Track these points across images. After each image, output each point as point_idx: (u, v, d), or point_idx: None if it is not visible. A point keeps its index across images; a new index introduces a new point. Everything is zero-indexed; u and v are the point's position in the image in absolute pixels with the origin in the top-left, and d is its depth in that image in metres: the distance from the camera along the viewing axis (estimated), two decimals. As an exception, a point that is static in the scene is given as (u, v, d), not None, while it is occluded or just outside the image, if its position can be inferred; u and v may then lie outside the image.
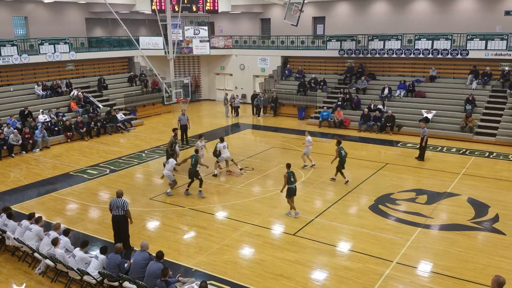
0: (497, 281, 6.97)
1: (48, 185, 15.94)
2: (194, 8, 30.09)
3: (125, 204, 10.86)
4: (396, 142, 21.19)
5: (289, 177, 12.73)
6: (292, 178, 12.79)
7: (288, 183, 12.70)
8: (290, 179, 12.73)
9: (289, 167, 13.07)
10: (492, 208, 13.36)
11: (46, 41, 25.28)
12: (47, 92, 24.47)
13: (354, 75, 27.41)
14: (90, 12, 32.30)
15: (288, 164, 13.26)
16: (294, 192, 12.88)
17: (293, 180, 12.81)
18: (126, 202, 10.92)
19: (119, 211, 10.82)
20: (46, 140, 20.74)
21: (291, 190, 12.78)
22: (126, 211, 10.83)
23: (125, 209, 10.81)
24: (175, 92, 21.39)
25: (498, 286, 6.97)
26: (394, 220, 12.69)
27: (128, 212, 10.90)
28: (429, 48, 25.10)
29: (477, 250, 10.99)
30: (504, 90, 23.14)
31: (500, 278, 6.97)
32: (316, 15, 32.07)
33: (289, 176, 12.75)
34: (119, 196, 10.92)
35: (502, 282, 6.95)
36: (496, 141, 20.63)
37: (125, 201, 10.91)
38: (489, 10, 26.33)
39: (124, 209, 10.81)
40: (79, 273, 9.23)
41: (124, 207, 10.83)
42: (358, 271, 10.09)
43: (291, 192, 12.82)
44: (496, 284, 6.98)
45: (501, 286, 6.96)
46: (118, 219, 10.88)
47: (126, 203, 10.89)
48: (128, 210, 10.90)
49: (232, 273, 10.03)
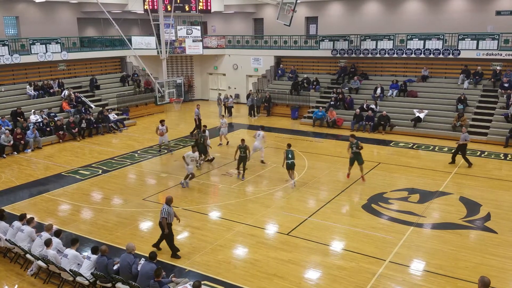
0: (482, 281, 7.18)
1: (40, 186, 15.84)
2: (186, 7, 30.01)
3: (162, 212, 10.63)
4: (388, 142, 21.29)
5: (287, 154, 15.31)
6: (289, 155, 15.27)
7: (286, 158, 15.24)
8: (288, 156, 15.26)
9: (289, 147, 15.70)
10: (484, 207, 13.47)
11: (38, 41, 25.10)
12: (39, 92, 24.30)
13: (346, 75, 27.50)
14: (82, 12, 32.10)
15: (289, 144, 15.98)
16: (292, 166, 15.28)
17: (290, 156, 15.27)
18: (164, 210, 10.59)
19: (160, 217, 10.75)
20: (38, 140, 20.59)
21: (288, 164, 15.25)
22: (162, 218, 10.60)
23: (161, 216, 10.63)
24: (168, 92, 21.37)
25: (484, 286, 7.13)
26: (386, 219, 12.75)
27: (163, 220, 10.56)
28: (421, 48, 25.25)
29: (469, 248, 11.08)
30: (496, 89, 23.33)
31: (485, 278, 7.19)
32: (309, 15, 32.14)
33: (287, 153, 15.31)
34: (166, 203, 10.72)
35: (487, 282, 7.14)
36: (488, 140, 20.79)
37: (164, 209, 10.60)
38: (480, 10, 26.53)
39: (161, 215, 10.64)
40: (72, 274, 9.19)
41: (160, 214, 10.66)
42: (351, 270, 10.13)
43: (289, 166, 15.27)
44: (481, 284, 7.16)
45: (487, 286, 7.13)
46: (159, 224, 10.85)
47: (163, 211, 10.61)
48: (164, 218, 10.56)
49: (225, 273, 10.03)
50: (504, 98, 22.27)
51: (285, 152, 15.42)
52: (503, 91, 22.65)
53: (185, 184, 15.37)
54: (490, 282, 7.16)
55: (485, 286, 7.12)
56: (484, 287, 7.13)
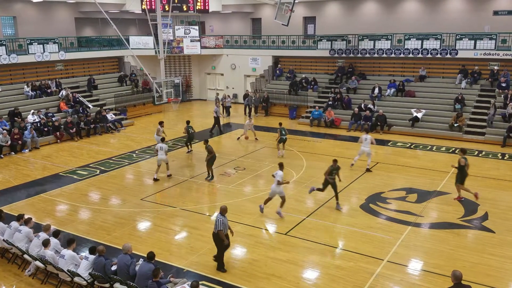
0: (453, 275, 7.50)
1: (38, 186, 15.81)
2: (184, 7, 29.99)
3: (217, 223, 9.84)
4: (386, 142, 21.32)
5: (281, 131, 18.31)
6: (283, 132, 18.32)
7: (281, 134, 18.31)
8: (282, 132, 18.30)
9: (281, 125, 18.75)
10: (482, 207, 13.50)
11: (35, 41, 25.04)
12: (37, 92, 24.24)
13: (344, 74, 27.52)
14: (80, 12, 32.06)
15: (280, 123, 19.09)
16: (285, 141, 18.48)
17: (284, 133, 18.33)
18: (220, 221, 9.79)
19: (214, 228, 9.98)
20: (35, 140, 20.55)
21: (282, 139, 18.38)
22: (218, 231, 9.81)
23: (217, 228, 9.84)
24: (166, 92, 21.31)
25: (456, 279, 7.45)
26: (384, 219, 12.77)
27: (220, 233, 9.78)
28: (419, 48, 25.29)
29: (467, 248, 11.11)
30: (493, 89, 23.38)
31: (456, 272, 7.52)
32: (307, 15, 32.15)
33: (281, 130, 18.33)
34: (220, 213, 9.99)
35: (458, 276, 7.46)
36: (485, 140, 20.84)
37: (219, 220, 9.81)
38: (477, 10, 26.59)
39: (216, 228, 9.84)
40: (70, 275, 9.17)
41: (215, 225, 9.89)
42: (350, 269, 10.14)
43: (283, 141, 18.44)
44: (454, 278, 7.48)
45: (459, 280, 7.44)
46: (213, 236, 10.08)
47: (218, 222, 9.81)
48: (220, 231, 9.78)
49: (223, 273, 10.02)
50: (502, 98, 22.31)
51: (279, 130, 18.34)
52: (501, 90, 22.70)
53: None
54: (461, 276, 7.48)
55: (457, 279, 7.44)
56: (456, 280, 7.45)
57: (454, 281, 7.46)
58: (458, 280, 7.43)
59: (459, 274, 7.47)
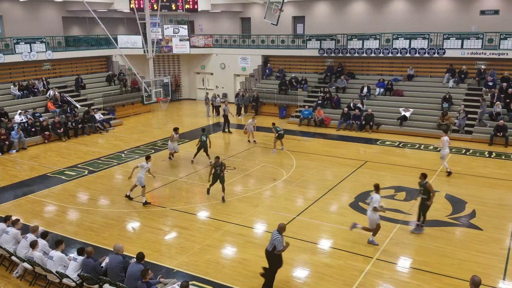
0: (472, 280, 7.40)
1: (25, 187, 15.63)
2: (173, 6, 29.85)
3: (275, 241, 8.78)
4: (375, 140, 21.45)
5: (275, 128, 19.04)
6: (278, 128, 19.12)
7: (276, 131, 18.96)
8: (277, 129, 19.02)
9: (274, 125, 19.45)
10: (469, 204, 13.65)
11: (22, 40, 24.74)
12: (23, 92, 23.96)
13: (333, 74, 27.63)
14: (67, 11, 31.74)
15: (273, 123, 19.72)
16: (282, 136, 19.18)
17: (279, 129, 19.08)
18: (278, 241, 8.78)
19: (269, 245, 9.05)
20: (22, 141, 20.31)
21: (280, 135, 19.01)
22: (278, 251, 8.85)
23: (273, 246, 8.85)
24: (155, 91, 21.24)
25: (474, 285, 7.34)
26: (374, 217, 12.83)
27: (279, 253, 8.91)
28: (407, 47, 25.48)
29: (455, 245, 11.22)
30: (480, 88, 23.64)
31: (475, 277, 7.39)
32: (296, 14, 32.20)
33: (276, 128, 19.05)
34: (278, 231, 8.97)
35: (477, 281, 7.35)
36: (472, 139, 21.06)
37: (277, 239, 8.78)
38: (465, 10, 26.85)
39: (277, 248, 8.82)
40: (58, 276, 9.09)
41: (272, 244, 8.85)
42: (339, 267, 10.20)
43: (281, 136, 19.11)
44: (472, 282, 7.37)
45: (478, 286, 7.34)
46: (267, 253, 9.14)
47: (277, 242, 8.77)
48: (279, 251, 8.84)
49: (214, 273, 10.01)
50: (489, 97, 22.56)
51: (274, 128, 19.08)
52: (488, 89, 22.96)
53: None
54: (480, 281, 7.36)
55: (476, 285, 7.34)
56: (474, 286, 7.35)
57: (472, 287, 7.40)
58: (476, 286, 7.36)
59: (478, 280, 7.37)
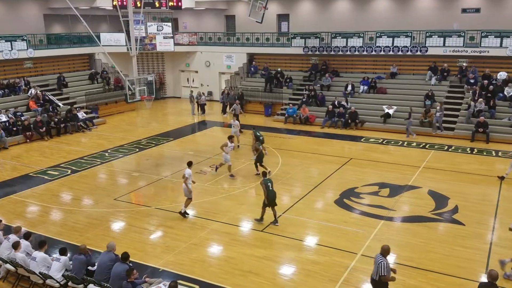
0: (489, 274, 7.68)
1: (7, 187, 15.36)
2: (157, 4, 29.60)
3: (380, 267, 7.93)
4: (359, 138, 21.62)
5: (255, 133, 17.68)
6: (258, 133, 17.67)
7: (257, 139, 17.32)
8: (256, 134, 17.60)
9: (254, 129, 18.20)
10: (452, 200, 13.86)
11: (2, 38, 24.27)
12: (4, 91, 23.53)
13: (318, 72, 27.76)
14: (49, 8, 31.24)
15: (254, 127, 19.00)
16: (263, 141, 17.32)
17: (259, 134, 17.59)
18: (383, 265, 7.95)
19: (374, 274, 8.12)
20: (4, 140, 19.96)
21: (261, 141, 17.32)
22: (383, 277, 7.94)
23: (378, 273, 7.99)
24: (138, 89, 21.00)
25: (492, 278, 7.60)
26: (358, 214, 12.96)
27: (384, 279, 7.98)
28: (390, 46, 25.72)
29: (438, 240, 11.39)
30: (462, 85, 23.99)
31: (492, 271, 7.66)
32: (281, 12, 32.24)
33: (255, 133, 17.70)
34: (381, 254, 8.17)
35: (494, 275, 7.60)
36: (455, 135, 21.38)
37: (382, 263, 7.97)
38: (446, 8, 27.21)
39: (381, 272, 7.94)
40: (42, 277, 8.97)
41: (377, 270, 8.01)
42: (325, 264, 10.27)
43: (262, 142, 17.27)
44: (489, 276, 7.67)
45: (495, 279, 7.58)
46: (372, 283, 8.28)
47: (381, 266, 7.93)
48: (383, 277, 7.94)
49: (200, 272, 9.98)
50: (470, 94, 22.92)
51: (254, 133, 17.82)
52: (469, 87, 23.31)
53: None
54: (497, 276, 7.61)
55: (493, 279, 7.57)
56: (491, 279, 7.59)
57: (489, 280, 7.59)
58: (494, 280, 7.54)
59: (495, 274, 7.57)
